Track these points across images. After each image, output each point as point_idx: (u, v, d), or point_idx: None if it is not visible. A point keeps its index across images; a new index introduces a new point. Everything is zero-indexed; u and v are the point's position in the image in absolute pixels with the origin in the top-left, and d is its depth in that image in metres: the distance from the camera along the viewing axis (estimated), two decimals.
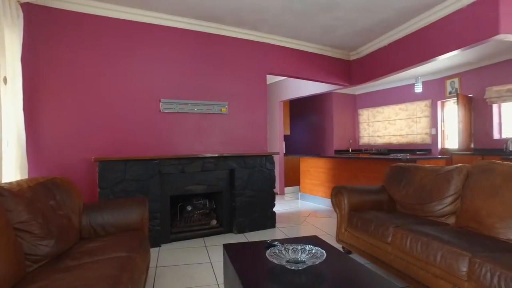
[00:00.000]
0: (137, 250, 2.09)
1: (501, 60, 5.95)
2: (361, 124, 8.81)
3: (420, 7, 3.96)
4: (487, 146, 6.21)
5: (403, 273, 2.39)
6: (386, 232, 2.55)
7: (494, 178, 2.41)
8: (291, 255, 1.87)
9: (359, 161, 5.21)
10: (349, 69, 5.75)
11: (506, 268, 1.66)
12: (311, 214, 5.32)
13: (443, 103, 7.16)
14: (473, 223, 2.42)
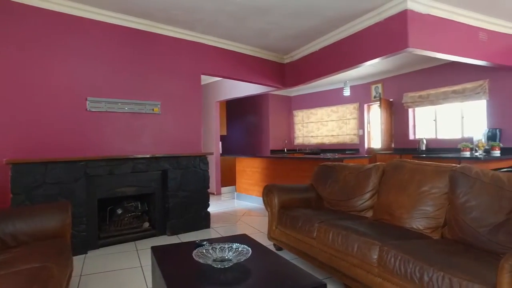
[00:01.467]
0: (55, 259, 1.95)
1: (415, 70, 6.63)
2: (296, 125, 9.18)
3: (347, 17, 4.25)
4: (405, 145, 6.88)
5: (327, 265, 2.56)
6: (312, 228, 2.70)
7: (403, 174, 2.70)
8: (218, 254, 1.89)
9: (292, 161, 5.43)
10: (283, 72, 5.96)
11: (404, 252, 1.88)
12: (246, 213, 5.41)
13: (369, 106, 7.76)
14: (386, 216, 2.68)
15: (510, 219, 1.91)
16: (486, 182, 2.13)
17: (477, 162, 4.16)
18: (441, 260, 1.74)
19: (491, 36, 4.52)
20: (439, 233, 2.34)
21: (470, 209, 2.12)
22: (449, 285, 1.60)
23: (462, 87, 5.90)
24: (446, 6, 3.98)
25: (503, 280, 1.38)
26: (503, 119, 5.39)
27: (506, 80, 5.34)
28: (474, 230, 2.05)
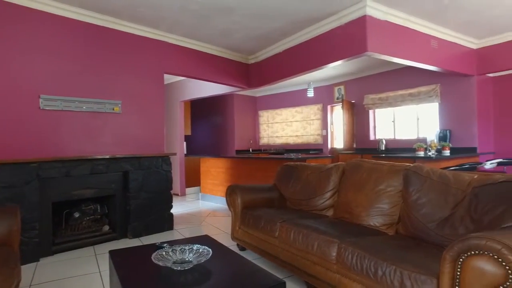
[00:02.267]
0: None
1: (375, 73, 6.91)
2: (261, 125, 9.25)
3: (310, 19, 4.34)
4: (366, 145, 7.15)
5: (288, 263, 2.60)
6: (274, 227, 2.74)
7: (361, 174, 2.80)
8: (178, 256, 1.87)
9: (256, 161, 5.46)
10: (248, 72, 5.98)
11: (361, 248, 1.96)
12: (210, 213, 5.38)
13: (332, 107, 7.98)
14: (346, 214, 2.77)
15: (454, 214, 2.05)
16: (435, 180, 2.27)
17: (430, 161, 4.42)
18: (393, 255, 1.83)
19: (441, 44, 4.82)
20: (394, 229, 2.46)
21: (421, 206, 2.25)
22: (400, 278, 1.69)
23: (417, 90, 6.23)
24: (402, 14, 4.18)
25: (444, 269, 1.49)
26: (452, 121, 5.76)
27: (455, 85, 5.71)
28: (424, 225, 2.18)
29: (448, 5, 3.99)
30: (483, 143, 5.61)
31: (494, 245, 1.34)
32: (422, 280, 1.60)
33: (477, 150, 5.47)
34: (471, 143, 5.53)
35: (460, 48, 5.18)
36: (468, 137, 5.57)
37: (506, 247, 1.31)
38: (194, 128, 9.40)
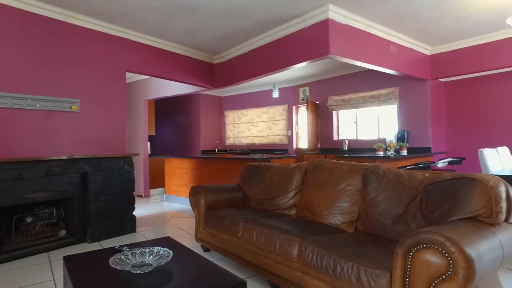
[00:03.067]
0: None
1: (339, 75, 7.12)
2: (227, 125, 9.22)
3: (275, 21, 4.39)
4: (330, 146, 7.34)
5: (252, 263, 2.61)
6: (237, 228, 2.74)
7: (323, 173, 2.88)
8: (138, 259, 1.82)
9: (221, 161, 5.44)
10: (213, 72, 5.95)
11: (320, 246, 2.01)
12: (175, 215, 5.29)
13: (297, 108, 8.12)
14: (308, 213, 2.83)
15: (408, 210, 2.16)
16: (391, 178, 2.38)
17: (388, 161, 4.62)
18: (351, 251, 1.90)
19: (399, 49, 5.05)
20: (354, 227, 2.54)
21: (378, 204, 2.35)
22: (357, 273, 1.75)
23: (378, 92, 6.49)
24: (363, 20, 4.34)
25: (397, 263, 1.57)
26: (410, 123, 6.06)
27: (411, 88, 6.01)
28: (381, 222, 2.28)
29: (404, 13, 4.19)
30: (436, 144, 5.95)
31: (438, 238, 1.43)
32: (376, 274, 1.67)
33: (431, 150, 5.79)
34: (426, 144, 5.85)
35: (416, 53, 5.46)
36: (423, 138, 5.88)
37: (449, 240, 1.40)
38: (158, 128, 9.20)
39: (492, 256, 1.53)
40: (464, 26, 4.67)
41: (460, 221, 1.78)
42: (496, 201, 1.76)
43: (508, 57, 4.88)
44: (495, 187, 1.80)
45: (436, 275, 1.45)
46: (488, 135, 5.71)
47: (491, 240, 1.57)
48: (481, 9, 4.09)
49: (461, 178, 1.97)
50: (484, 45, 5.13)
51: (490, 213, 1.76)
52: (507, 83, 5.51)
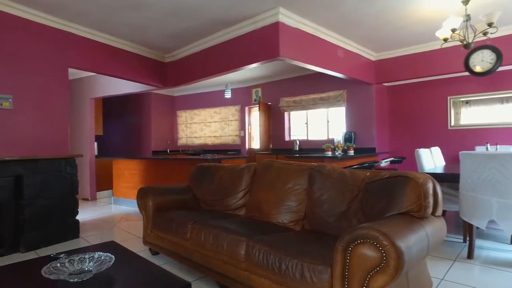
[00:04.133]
0: None
1: (290, 77, 7.29)
2: (180, 125, 9.05)
3: (227, 22, 4.39)
4: (281, 146, 7.49)
5: (200, 265, 2.58)
6: (185, 229, 2.70)
7: (271, 173, 2.93)
8: (76, 266, 1.73)
9: (172, 162, 5.32)
10: (164, 71, 5.80)
11: (267, 245, 2.05)
12: (123, 218, 5.08)
13: (250, 109, 8.19)
14: (257, 212, 2.86)
15: (350, 208, 2.27)
16: (335, 177, 2.49)
17: (336, 161, 4.82)
18: (296, 249, 1.95)
19: (346, 53, 5.30)
20: (301, 225, 2.62)
21: (323, 202, 2.44)
22: (301, 270, 1.80)
23: (327, 95, 6.74)
24: (312, 24, 4.49)
25: (337, 259, 1.65)
26: (356, 124, 6.38)
27: (358, 91, 6.33)
28: (325, 220, 2.37)
29: (350, 20, 4.40)
30: (381, 144, 6.32)
31: (373, 233, 1.52)
32: (319, 270, 1.74)
33: (376, 150, 6.14)
34: (371, 144, 6.19)
35: (362, 58, 5.76)
36: (368, 139, 6.22)
37: (382, 234, 1.50)
38: (107, 128, 8.76)
39: (420, 247, 1.67)
40: (404, 35, 5.01)
41: (395, 216, 1.91)
42: (425, 196, 1.92)
43: (439, 66, 5.33)
44: (424, 184, 1.96)
45: (372, 267, 1.54)
46: (424, 136, 6.18)
47: (419, 233, 1.71)
48: (418, 20, 4.41)
49: (396, 177, 2.11)
50: (420, 54, 5.55)
51: (420, 207, 1.91)
52: (439, 90, 6.01)
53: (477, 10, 3.95)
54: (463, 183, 3.13)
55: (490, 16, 3.53)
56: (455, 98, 5.89)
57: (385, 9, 4.07)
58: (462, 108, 5.85)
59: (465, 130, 5.81)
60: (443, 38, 3.95)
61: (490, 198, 2.93)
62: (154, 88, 6.01)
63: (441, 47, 4.24)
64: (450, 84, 5.88)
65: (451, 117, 5.94)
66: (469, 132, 5.76)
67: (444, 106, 5.99)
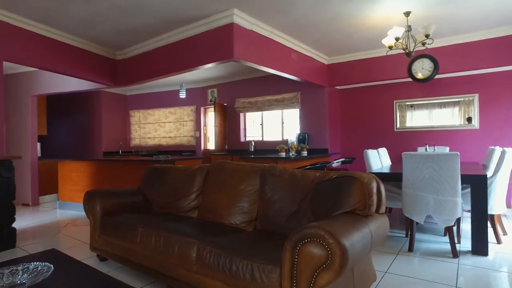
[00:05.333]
0: None
1: (246, 78, 7.32)
2: (133, 125, 8.73)
3: (181, 21, 4.30)
4: (237, 147, 7.50)
5: (151, 269, 2.51)
6: (135, 233, 2.61)
7: (224, 174, 2.92)
8: (6, 280, 1.59)
9: (123, 163, 5.12)
10: (115, 69, 5.56)
11: (218, 247, 2.04)
12: (69, 223, 4.79)
13: (206, 109, 8.11)
14: (209, 214, 2.84)
15: (300, 208, 2.33)
16: (286, 178, 2.54)
17: (289, 162, 4.92)
18: (246, 250, 1.97)
19: (300, 57, 5.44)
20: (253, 226, 2.64)
21: (274, 202, 2.49)
22: (251, 271, 1.82)
23: (282, 96, 6.87)
24: (267, 26, 4.55)
25: (286, 258, 1.68)
26: (310, 125, 6.57)
27: (311, 94, 6.52)
28: (277, 220, 2.41)
29: (304, 24, 4.53)
30: (333, 145, 6.57)
31: (319, 232, 1.58)
32: (268, 270, 1.76)
33: (328, 151, 6.36)
34: (324, 145, 6.40)
35: (315, 62, 5.94)
36: (321, 140, 6.43)
37: (328, 233, 1.56)
38: (52, 128, 8.20)
39: (363, 243, 1.76)
40: (354, 41, 5.25)
41: (341, 215, 2.00)
42: (369, 195, 2.03)
43: (386, 71, 5.66)
44: (368, 183, 2.07)
45: (318, 265, 1.60)
46: (373, 137, 6.52)
47: (362, 230, 1.80)
48: (366, 27, 4.64)
49: (344, 177, 2.21)
50: (369, 60, 5.85)
51: (364, 206, 2.01)
52: (386, 94, 6.37)
53: (416, 22, 4.25)
54: (405, 181, 3.35)
55: (427, 28, 3.83)
56: (401, 102, 6.28)
57: (337, 16, 4.23)
58: (407, 111, 6.25)
59: (409, 132, 6.22)
60: (388, 45, 4.20)
61: (427, 195, 3.17)
62: (105, 87, 5.74)
63: (386, 54, 4.51)
64: (396, 88, 6.26)
65: (397, 120, 6.32)
66: (413, 134, 6.17)
67: (391, 109, 6.36)
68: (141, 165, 4.90)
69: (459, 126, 5.74)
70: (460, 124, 5.73)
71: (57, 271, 1.66)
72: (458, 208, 3.08)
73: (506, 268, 2.89)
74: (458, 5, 3.97)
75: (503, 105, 5.32)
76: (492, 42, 4.86)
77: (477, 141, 5.50)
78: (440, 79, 5.67)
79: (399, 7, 3.99)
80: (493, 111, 5.41)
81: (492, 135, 5.37)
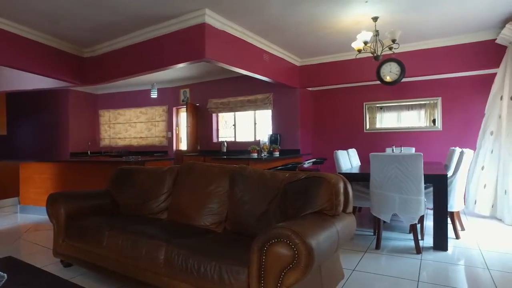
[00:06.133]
0: None
1: (219, 78, 7.29)
2: (102, 125, 8.47)
3: (152, 19, 4.23)
4: (209, 148, 7.45)
5: (118, 273, 2.44)
6: (102, 237, 2.53)
7: (193, 175, 2.90)
8: None
9: (91, 165, 4.96)
10: (82, 67, 5.38)
11: (186, 249, 2.03)
12: (32, 228, 4.57)
13: (178, 109, 8.00)
14: (179, 216, 2.81)
15: (269, 208, 2.35)
16: (255, 179, 2.55)
17: (261, 162, 4.95)
18: (215, 251, 1.96)
19: (272, 58, 5.48)
20: (222, 227, 2.63)
21: (244, 203, 2.49)
22: (219, 272, 1.82)
23: (254, 97, 6.89)
24: (239, 27, 4.55)
25: (253, 259, 1.69)
26: (282, 126, 6.64)
27: (284, 95, 6.59)
28: (246, 221, 2.42)
29: (275, 27, 4.57)
30: (305, 146, 6.66)
31: (286, 232, 1.60)
32: (236, 271, 1.76)
33: (300, 151, 6.45)
34: (295, 146, 6.48)
35: (287, 63, 6.01)
36: (293, 140, 6.51)
37: (294, 233, 1.58)
38: (13, 127, 7.79)
39: (330, 242, 1.80)
40: (325, 44, 5.36)
41: (309, 215, 2.03)
42: (336, 195, 2.07)
43: (357, 74, 5.82)
44: (336, 184, 2.11)
45: (285, 265, 1.61)
46: (344, 138, 6.67)
47: (329, 230, 1.84)
48: (337, 31, 4.75)
49: (312, 177, 2.25)
50: (340, 62, 6.00)
51: (332, 206, 2.06)
52: (357, 96, 6.54)
53: (384, 27, 4.39)
54: (372, 181, 3.45)
55: (393, 33, 3.97)
56: (370, 104, 6.46)
57: (307, 19, 4.30)
58: (377, 113, 6.44)
59: (378, 133, 6.41)
60: (357, 49, 4.32)
61: (393, 195, 3.28)
62: (71, 85, 5.53)
63: (356, 57, 4.64)
64: (365, 91, 6.44)
65: (367, 121, 6.51)
66: (382, 135, 6.36)
67: (361, 111, 6.54)
68: (110, 166, 4.75)
69: (425, 127, 5.99)
70: (426, 126, 5.98)
71: (11, 281, 1.57)
72: (422, 206, 3.21)
73: (463, 261, 3.06)
74: (421, 13, 4.14)
75: (463, 108, 5.61)
76: (453, 49, 5.12)
77: (441, 142, 5.76)
78: (408, 83, 5.89)
79: (368, 12, 4.11)
80: (454, 114, 5.69)
81: (454, 137, 5.64)
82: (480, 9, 4.07)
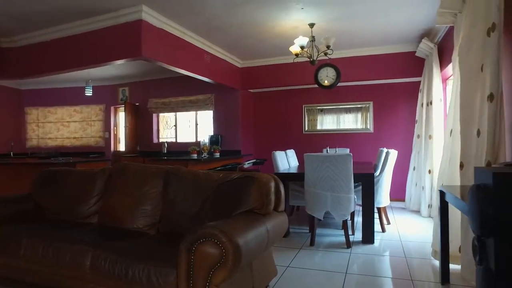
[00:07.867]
0: None
1: (159, 78, 7.09)
2: (29, 124, 7.78)
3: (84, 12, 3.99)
4: (149, 148, 7.21)
5: (38, 285, 2.26)
6: (18, 245, 2.31)
7: (127, 177, 2.79)
8: None
9: (13, 167, 4.53)
10: (2, 58, 4.88)
11: (113, 253, 1.94)
12: None
13: (116, 108, 7.63)
14: (110, 218, 2.68)
15: (203, 209, 2.35)
16: (189, 179, 2.54)
17: (200, 163, 4.92)
18: (144, 254, 1.91)
19: (213, 59, 5.48)
20: (156, 229, 2.56)
21: (177, 204, 2.46)
22: (148, 275, 1.78)
23: (196, 98, 6.82)
24: (178, 26, 4.48)
25: (181, 259, 1.68)
26: (223, 127, 6.65)
27: (225, 96, 6.62)
28: (180, 222, 2.39)
29: (216, 27, 4.57)
30: (246, 146, 6.74)
31: (214, 232, 1.62)
32: (165, 272, 1.74)
33: (241, 152, 6.51)
34: (237, 146, 6.54)
35: (228, 65, 6.04)
36: (235, 141, 6.56)
37: (221, 232, 1.61)
38: None
39: (259, 241, 1.85)
40: (266, 47, 5.48)
41: (240, 214, 2.07)
42: (267, 194, 2.14)
43: (296, 77, 6.05)
44: (267, 183, 2.18)
45: (213, 264, 1.63)
46: (284, 139, 6.87)
47: (258, 228, 1.89)
48: (276, 35, 4.89)
49: (244, 177, 2.29)
50: (280, 65, 6.18)
51: (262, 205, 2.12)
52: (296, 98, 6.78)
53: (320, 34, 4.62)
54: (306, 181, 3.61)
55: (328, 40, 4.20)
56: (309, 107, 6.73)
57: (247, 21, 4.37)
58: (318, 115, 6.72)
59: (317, 135, 6.71)
60: (294, 53, 4.49)
61: (326, 193, 3.47)
62: None
63: (293, 61, 4.81)
64: (305, 94, 6.69)
65: (305, 123, 6.77)
66: (321, 136, 6.66)
67: (300, 113, 6.78)
68: (36, 168, 4.37)
69: (360, 129, 6.40)
70: (361, 128, 6.40)
71: None
72: (352, 203, 3.43)
73: (388, 252, 3.34)
74: (353, 22, 4.43)
75: (391, 111, 6.10)
76: (380, 57, 5.55)
77: (372, 143, 6.20)
78: (343, 87, 6.24)
79: (305, 19, 4.30)
80: (383, 117, 6.16)
81: (383, 138, 6.11)
82: (401, 23, 4.47)
